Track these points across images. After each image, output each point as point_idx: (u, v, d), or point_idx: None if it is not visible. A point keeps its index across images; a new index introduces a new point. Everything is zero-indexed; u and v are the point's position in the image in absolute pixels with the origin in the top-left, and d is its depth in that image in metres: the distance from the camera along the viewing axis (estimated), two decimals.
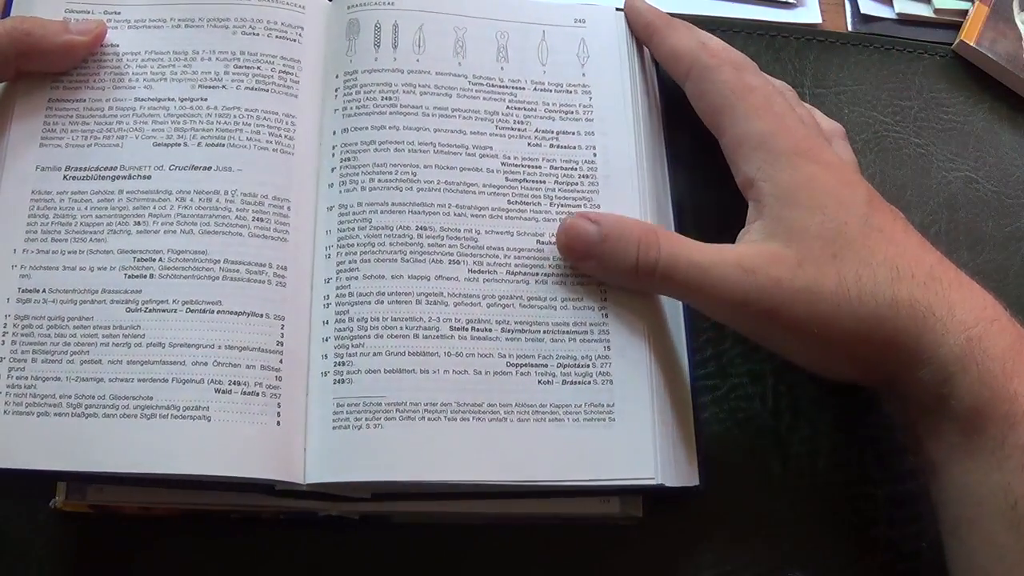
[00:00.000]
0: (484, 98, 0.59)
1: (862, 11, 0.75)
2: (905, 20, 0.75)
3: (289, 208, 0.54)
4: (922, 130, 0.70)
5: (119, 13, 0.59)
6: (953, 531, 0.51)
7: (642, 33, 0.63)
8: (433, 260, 0.54)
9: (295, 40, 0.59)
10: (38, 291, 0.51)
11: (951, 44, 0.73)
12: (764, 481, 0.59)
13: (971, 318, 0.51)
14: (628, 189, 0.58)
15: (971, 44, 0.72)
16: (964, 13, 0.74)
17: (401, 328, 0.53)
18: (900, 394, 0.53)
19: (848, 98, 0.70)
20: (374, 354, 0.52)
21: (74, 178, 0.54)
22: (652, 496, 0.55)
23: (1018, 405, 0.49)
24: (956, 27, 0.74)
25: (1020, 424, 0.48)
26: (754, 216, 0.55)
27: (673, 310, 0.57)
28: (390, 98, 0.58)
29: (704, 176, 0.64)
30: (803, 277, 0.52)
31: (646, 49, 0.63)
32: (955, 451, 0.50)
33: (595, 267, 0.55)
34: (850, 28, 0.74)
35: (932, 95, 0.72)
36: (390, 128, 0.57)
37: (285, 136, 0.56)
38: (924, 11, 0.75)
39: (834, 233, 0.53)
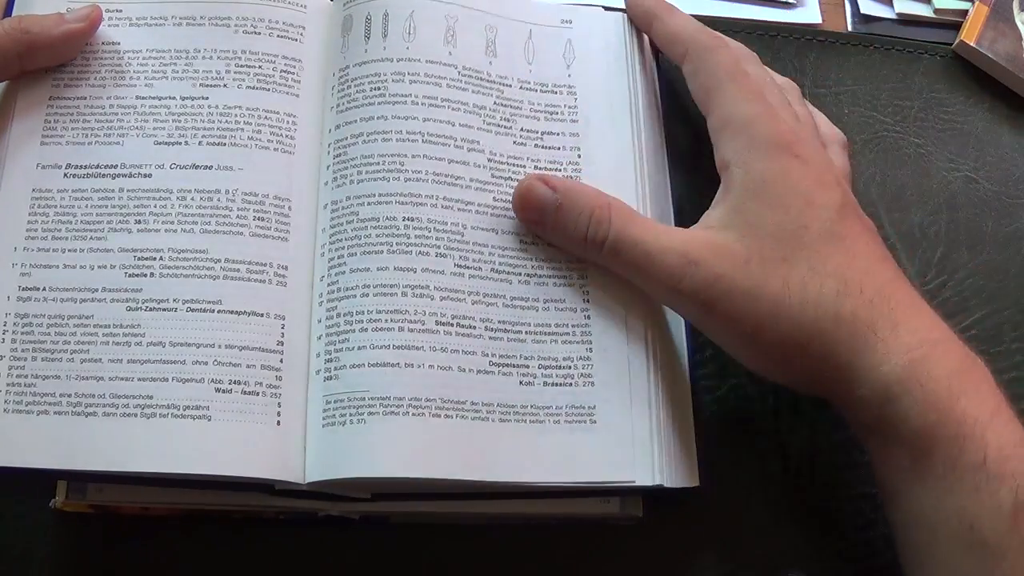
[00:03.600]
0: (472, 91, 0.58)
1: (862, 11, 0.75)
2: (905, 20, 0.75)
3: (290, 207, 0.54)
4: (922, 130, 0.70)
5: (120, 11, 0.59)
6: (912, 557, 0.50)
7: (642, 20, 0.63)
8: (420, 252, 0.54)
9: (296, 39, 0.59)
10: (38, 289, 0.51)
11: (951, 44, 0.73)
12: (764, 481, 0.59)
13: (915, 340, 0.50)
14: (614, 190, 0.57)
15: (971, 44, 0.72)
16: (964, 13, 0.74)
17: (386, 321, 0.52)
18: (841, 409, 0.53)
19: (848, 98, 0.70)
20: (359, 348, 0.52)
21: (75, 176, 0.54)
22: (652, 496, 0.55)
23: (966, 426, 0.48)
24: (956, 27, 0.74)
25: (969, 445, 0.47)
26: (720, 199, 0.55)
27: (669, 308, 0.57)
28: (379, 88, 0.57)
29: (704, 176, 0.64)
30: (747, 277, 0.51)
31: (645, 50, 0.63)
32: (906, 476, 0.49)
33: (547, 233, 0.55)
34: (850, 28, 0.74)
35: (932, 95, 0.72)
36: (378, 118, 0.56)
37: (286, 135, 0.56)
38: (924, 11, 0.75)
39: (791, 235, 0.52)
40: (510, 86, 0.60)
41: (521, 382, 0.53)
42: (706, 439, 0.56)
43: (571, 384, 0.53)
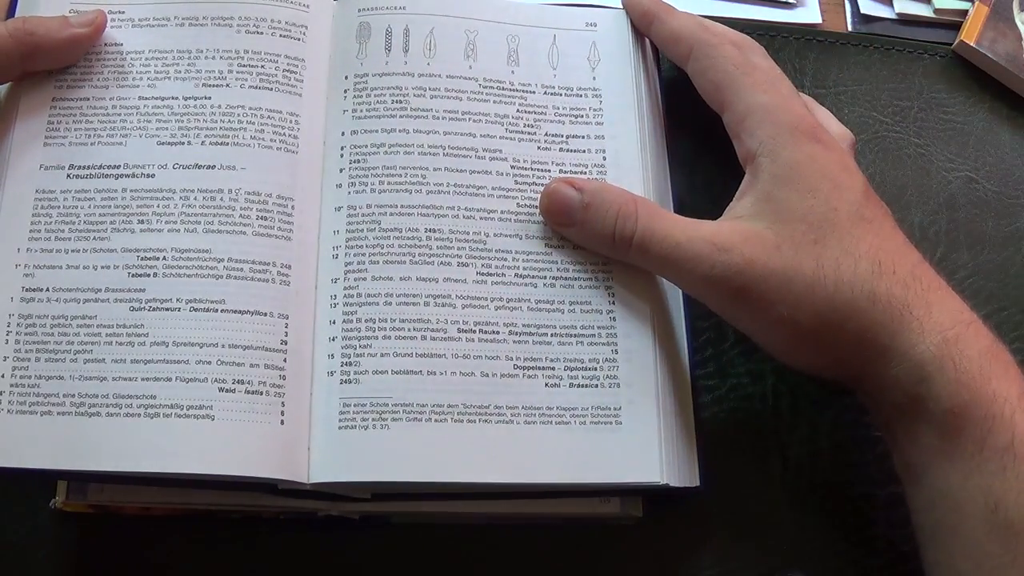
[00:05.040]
0: (494, 101, 0.59)
1: (862, 11, 0.75)
2: (905, 20, 0.75)
3: (293, 207, 0.54)
4: (922, 130, 0.70)
5: (123, 12, 0.58)
6: (932, 537, 0.51)
7: (641, 21, 0.63)
8: (442, 262, 0.54)
9: (299, 39, 0.58)
10: (42, 290, 0.51)
11: (951, 44, 0.74)
12: (764, 481, 0.59)
13: (948, 320, 0.51)
14: (636, 190, 0.57)
15: (971, 44, 0.72)
16: (964, 13, 0.74)
17: (409, 329, 0.53)
18: (870, 391, 0.53)
19: (848, 98, 0.70)
20: (382, 355, 0.52)
21: (77, 176, 0.54)
22: (652, 496, 0.55)
23: (997, 406, 0.48)
24: (956, 27, 0.74)
25: (999, 426, 0.48)
26: (746, 188, 0.55)
27: (674, 309, 0.57)
28: (400, 101, 0.58)
29: (704, 176, 0.64)
30: (779, 259, 0.51)
31: (649, 48, 0.63)
32: (933, 454, 0.50)
33: (575, 234, 0.56)
34: (850, 28, 0.74)
35: (932, 95, 0.72)
36: (400, 131, 0.57)
37: (289, 135, 0.56)
38: (924, 11, 0.75)
39: (821, 218, 0.52)
40: (533, 92, 0.60)
41: (547, 384, 0.53)
42: (706, 439, 0.56)
43: (597, 385, 0.53)
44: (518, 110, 0.59)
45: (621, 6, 0.64)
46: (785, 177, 0.54)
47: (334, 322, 0.53)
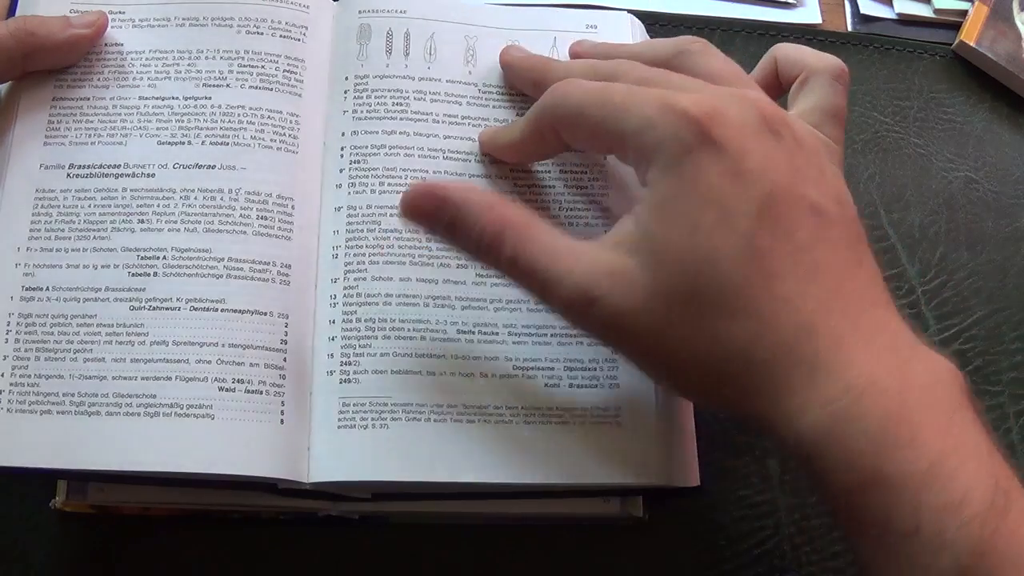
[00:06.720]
0: (493, 106, 0.59)
1: (862, 11, 0.75)
2: (905, 20, 0.75)
3: (293, 207, 0.54)
4: (922, 130, 0.70)
5: (123, 12, 0.58)
6: None
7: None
8: (441, 264, 0.54)
9: (299, 40, 0.58)
10: (41, 289, 0.51)
11: (951, 44, 0.74)
12: (764, 481, 0.59)
13: (837, 389, 0.42)
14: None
15: (971, 44, 0.72)
16: (964, 13, 0.74)
17: (408, 330, 0.53)
18: None
19: (848, 98, 0.70)
20: (381, 355, 0.52)
21: (78, 176, 0.54)
22: (652, 496, 0.55)
23: (895, 490, 0.41)
24: (956, 27, 0.74)
25: (899, 512, 0.41)
26: (636, 210, 0.47)
27: None
28: (401, 103, 0.58)
29: None
30: (649, 314, 0.44)
31: None
32: (846, 524, 0.44)
33: (444, 243, 0.49)
34: (850, 28, 0.74)
35: (932, 95, 0.72)
36: (400, 133, 0.57)
37: (289, 135, 0.56)
38: (924, 11, 0.75)
39: (701, 261, 0.44)
40: None
41: (547, 384, 0.53)
42: (706, 439, 0.56)
43: (596, 385, 0.53)
44: (517, 114, 0.59)
45: (622, 7, 0.64)
46: (661, 209, 0.46)
47: (334, 322, 0.53)
